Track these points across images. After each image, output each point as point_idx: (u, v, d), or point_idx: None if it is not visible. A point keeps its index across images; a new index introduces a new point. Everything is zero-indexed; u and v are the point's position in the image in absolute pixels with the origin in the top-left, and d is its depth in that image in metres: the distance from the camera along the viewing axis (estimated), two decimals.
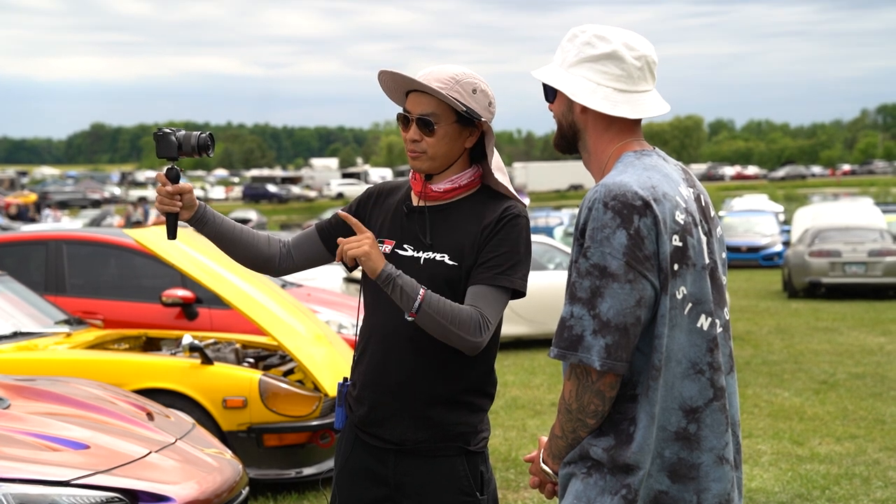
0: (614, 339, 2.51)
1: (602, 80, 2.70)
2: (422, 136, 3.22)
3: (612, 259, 2.52)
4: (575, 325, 2.55)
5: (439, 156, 3.24)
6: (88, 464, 4.36)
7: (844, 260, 20.41)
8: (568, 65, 2.74)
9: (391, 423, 3.26)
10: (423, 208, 3.28)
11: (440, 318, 3.05)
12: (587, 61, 2.71)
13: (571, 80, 2.72)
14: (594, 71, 2.70)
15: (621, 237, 2.52)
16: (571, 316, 2.56)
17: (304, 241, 3.48)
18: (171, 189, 3.28)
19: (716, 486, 2.63)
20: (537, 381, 11.31)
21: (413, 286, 3.06)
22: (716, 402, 2.64)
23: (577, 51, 2.73)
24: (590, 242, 2.55)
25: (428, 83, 3.19)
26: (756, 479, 7.28)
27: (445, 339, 3.09)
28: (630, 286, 2.52)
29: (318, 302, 10.42)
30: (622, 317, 2.51)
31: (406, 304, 3.05)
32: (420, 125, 3.22)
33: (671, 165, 2.75)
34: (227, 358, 7.15)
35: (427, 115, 3.21)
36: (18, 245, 9.78)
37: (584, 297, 2.54)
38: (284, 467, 6.79)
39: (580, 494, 2.63)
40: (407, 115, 3.26)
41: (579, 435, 2.64)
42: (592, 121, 2.74)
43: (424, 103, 3.22)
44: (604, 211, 2.55)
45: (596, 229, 2.55)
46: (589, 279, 2.54)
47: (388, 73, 3.27)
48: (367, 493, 3.30)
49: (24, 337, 7.14)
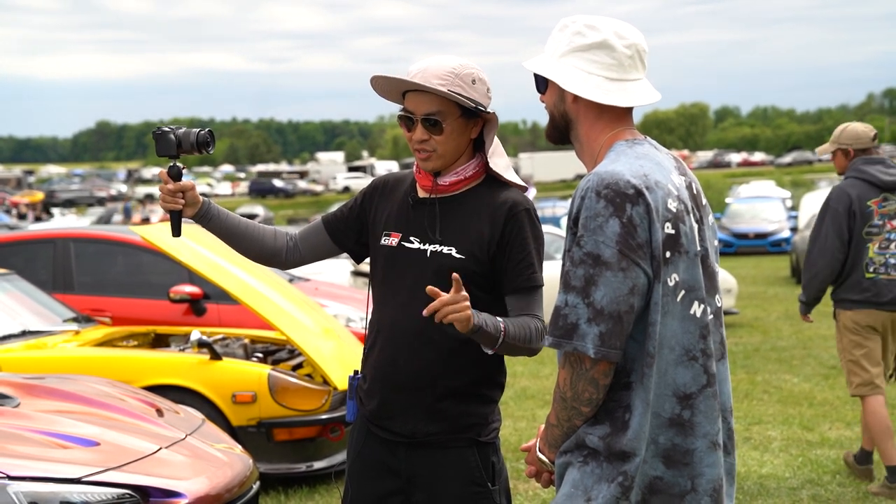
0: (608, 326, 2.53)
1: (593, 69, 2.71)
2: (429, 135, 3.20)
3: (605, 247, 2.54)
4: (569, 314, 2.56)
5: (449, 153, 3.24)
6: (99, 461, 4.37)
7: None
8: (559, 55, 2.75)
9: (402, 416, 3.26)
10: (432, 201, 3.27)
11: (517, 342, 3.11)
12: (578, 51, 2.72)
13: (563, 70, 2.73)
14: (585, 60, 2.71)
15: (614, 226, 2.54)
16: (566, 304, 2.58)
17: (311, 234, 3.48)
18: (172, 187, 3.29)
19: (709, 472, 2.66)
20: (546, 371, 11.31)
21: (496, 326, 3.04)
22: (708, 388, 2.66)
23: (568, 41, 2.74)
24: (583, 231, 2.57)
25: (427, 81, 3.15)
26: (767, 464, 7.27)
27: (515, 354, 3.17)
28: (623, 274, 2.53)
29: (326, 296, 10.42)
30: (616, 305, 2.53)
31: (488, 344, 3.07)
32: (427, 125, 3.20)
33: (663, 154, 2.77)
34: (236, 353, 7.16)
35: (433, 114, 3.19)
36: (26, 244, 9.79)
37: (578, 285, 2.56)
38: (295, 461, 6.79)
39: (577, 483, 2.64)
40: (410, 116, 3.23)
41: (574, 423, 2.65)
42: (584, 110, 2.75)
43: (427, 102, 3.19)
44: (596, 200, 2.56)
45: (589, 218, 2.56)
46: (583, 268, 2.55)
47: (382, 77, 3.24)
48: (380, 486, 3.30)
49: (32, 335, 7.15)
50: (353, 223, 3.43)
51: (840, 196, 6.48)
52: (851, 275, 6.52)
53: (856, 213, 6.43)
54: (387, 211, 3.35)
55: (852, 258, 6.49)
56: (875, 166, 6.51)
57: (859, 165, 6.53)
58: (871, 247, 6.45)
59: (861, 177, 6.49)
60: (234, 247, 3.45)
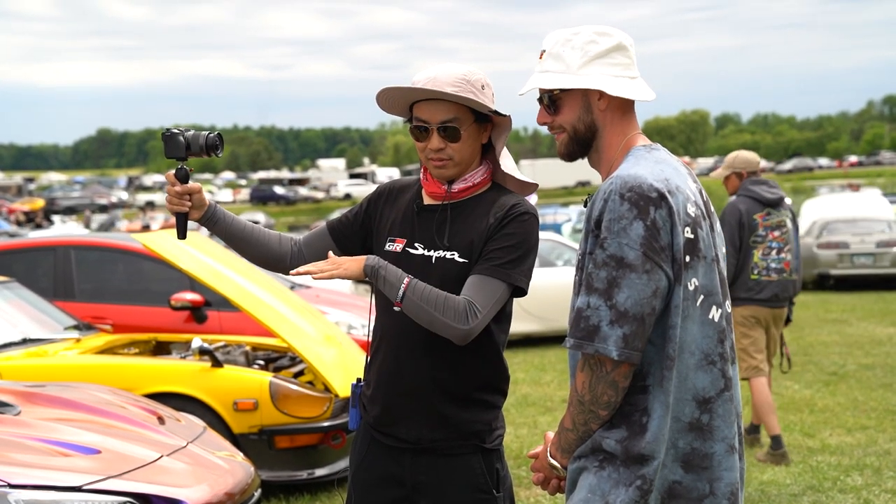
0: (631, 329, 2.53)
1: (618, 71, 2.75)
2: (446, 143, 3.20)
3: (629, 250, 2.54)
4: (591, 316, 2.56)
5: (465, 160, 3.24)
6: (100, 468, 4.37)
7: (852, 251, 20.35)
8: (577, 67, 2.74)
9: (406, 422, 3.26)
10: (442, 207, 3.27)
11: (426, 304, 3.05)
12: (597, 58, 2.74)
13: (595, 78, 2.73)
14: (607, 65, 2.74)
15: (638, 228, 2.55)
16: (588, 306, 2.58)
17: (316, 240, 3.48)
18: (180, 189, 3.28)
19: (727, 475, 2.67)
20: (547, 378, 11.30)
21: (397, 275, 3.08)
22: (726, 392, 2.67)
23: (583, 52, 2.75)
24: (606, 233, 2.57)
25: (441, 89, 3.14)
26: (768, 471, 7.27)
27: (432, 326, 3.08)
28: (647, 276, 2.54)
29: (327, 303, 10.42)
30: (639, 307, 2.54)
31: (391, 294, 3.08)
32: (444, 133, 3.19)
33: (675, 160, 2.79)
34: (237, 360, 7.16)
35: (449, 121, 3.18)
36: (26, 251, 9.79)
37: (600, 287, 2.56)
38: (296, 469, 6.79)
39: (594, 488, 2.64)
40: (425, 125, 3.21)
41: (591, 427, 2.65)
42: (611, 115, 2.78)
43: (443, 110, 3.18)
44: (620, 202, 2.57)
45: (613, 220, 2.57)
46: (606, 270, 2.56)
47: (394, 88, 3.21)
48: (385, 495, 3.30)
49: (33, 343, 7.15)
50: (358, 229, 3.43)
51: (732, 210, 7.62)
52: (740, 276, 7.63)
53: (745, 225, 7.58)
54: (392, 217, 3.35)
55: (741, 262, 7.62)
56: (761, 186, 7.68)
57: (748, 185, 7.70)
58: (755, 253, 7.61)
59: (749, 195, 7.64)
60: (240, 251, 3.45)
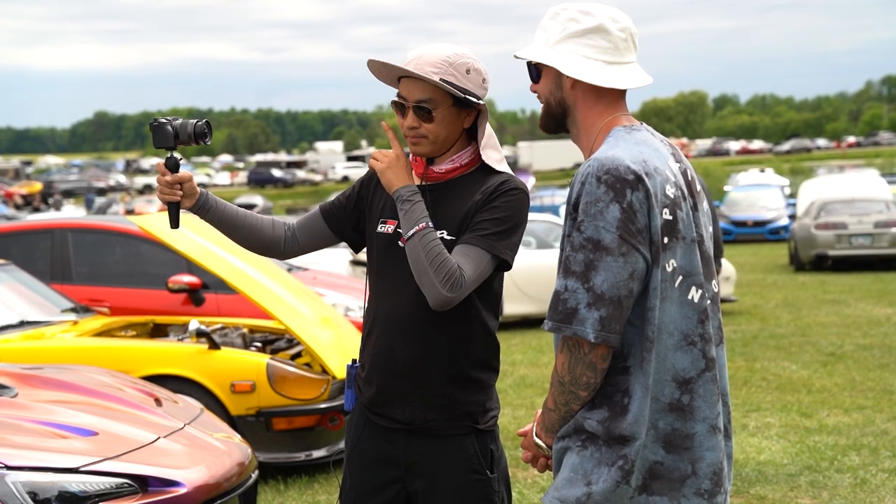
0: (608, 311, 2.54)
1: (590, 53, 2.72)
2: (420, 122, 3.21)
3: (605, 232, 2.55)
4: (569, 299, 2.57)
5: (440, 139, 3.24)
6: (97, 450, 4.37)
7: (850, 232, 20.40)
8: (553, 42, 2.75)
9: (400, 403, 3.26)
10: (425, 188, 3.27)
11: (426, 256, 3.06)
12: (573, 36, 2.73)
13: (561, 56, 2.73)
14: (581, 45, 2.73)
15: (615, 211, 2.55)
16: (565, 289, 2.59)
17: (309, 224, 3.47)
18: (170, 178, 3.29)
19: (710, 456, 2.67)
20: (545, 360, 11.32)
21: (419, 216, 3.11)
22: (707, 372, 2.67)
23: (562, 27, 2.75)
24: (583, 216, 2.58)
25: (421, 69, 3.16)
26: (765, 451, 7.28)
27: (420, 278, 3.08)
28: (623, 259, 2.55)
29: (325, 285, 10.42)
30: (616, 289, 2.55)
31: (404, 228, 3.11)
32: (417, 112, 3.21)
33: (658, 140, 2.78)
34: (235, 343, 7.16)
35: (423, 101, 3.20)
36: (23, 234, 9.79)
37: (577, 270, 2.57)
38: (294, 450, 6.80)
39: (576, 467, 2.65)
40: (403, 103, 3.24)
41: (572, 408, 2.67)
42: (582, 95, 2.76)
43: (419, 89, 3.20)
44: (597, 185, 2.57)
45: (589, 203, 2.57)
46: (583, 252, 2.57)
47: (378, 62, 3.25)
48: (379, 475, 3.31)
49: (30, 326, 7.15)
50: (350, 212, 3.43)
51: None
52: None
53: None
54: (383, 199, 3.35)
55: None
56: None
57: None
58: None
59: None
60: (233, 237, 3.45)
